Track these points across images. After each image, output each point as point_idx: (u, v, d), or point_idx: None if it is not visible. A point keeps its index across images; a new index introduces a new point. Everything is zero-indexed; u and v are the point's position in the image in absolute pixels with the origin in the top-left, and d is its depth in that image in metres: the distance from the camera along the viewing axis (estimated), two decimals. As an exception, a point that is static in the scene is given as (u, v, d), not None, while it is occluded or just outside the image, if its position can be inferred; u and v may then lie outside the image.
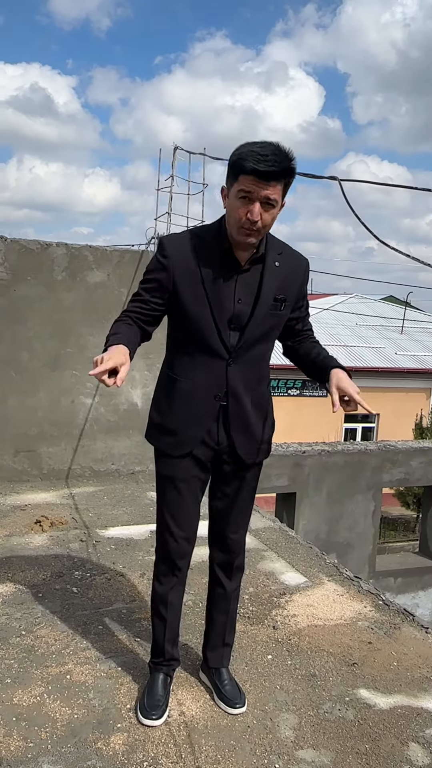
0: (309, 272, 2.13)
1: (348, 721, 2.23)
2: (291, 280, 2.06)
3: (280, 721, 2.20)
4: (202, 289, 1.95)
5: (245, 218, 1.83)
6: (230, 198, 1.87)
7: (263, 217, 1.83)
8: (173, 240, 2.02)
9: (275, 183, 1.80)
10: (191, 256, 1.96)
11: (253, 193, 1.80)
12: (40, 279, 4.70)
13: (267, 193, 1.80)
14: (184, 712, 2.22)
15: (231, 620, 2.34)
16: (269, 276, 1.99)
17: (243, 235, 1.87)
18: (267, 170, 1.76)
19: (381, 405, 19.83)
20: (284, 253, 2.05)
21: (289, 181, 1.85)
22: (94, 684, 2.35)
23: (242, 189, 1.81)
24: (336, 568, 3.55)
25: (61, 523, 3.94)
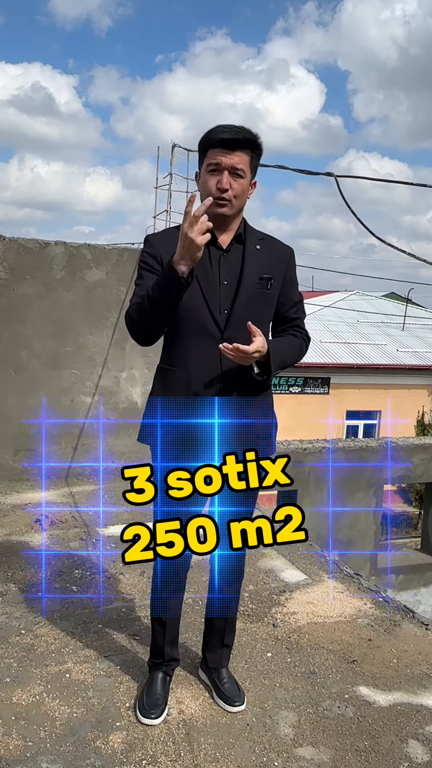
0: (294, 260, 2.17)
1: (347, 719, 2.23)
2: (275, 262, 2.10)
3: (280, 719, 2.20)
4: None
5: (215, 188, 1.94)
6: (202, 175, 2.00)
7: (233, 186, 1.95)
8: (156, 234, 2.16)
9: (240, 152, 1.94)
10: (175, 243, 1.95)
11: (221, 164, 1.93)
12: (39, 278, 4.70)
13: (234, 162, 1.93)
14: (184, 711, 2.21)
15: (230, 623, 2.33)
16: (251, 256, 2.05)
17: (216, 206, 1.95)
18: (231, 137, 1.92)
19: (383, 402, 19.81)
20: (266, 240, 2.13)
21: (254, 155, 1.98)
22: (94, 683, 2.35)
23: (211, 162, 1.95)
24: (336, 565, 3.54)
25: (61, 522, 3.94)
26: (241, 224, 2.09)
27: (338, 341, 20.49)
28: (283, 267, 2.12)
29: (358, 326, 22.34)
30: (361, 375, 19.68)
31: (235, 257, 2.06)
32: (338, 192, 6.03)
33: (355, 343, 20.79)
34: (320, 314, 21.91)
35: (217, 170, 1.95)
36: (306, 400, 18.99)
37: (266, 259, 2.08)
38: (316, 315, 21.59)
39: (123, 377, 5.05)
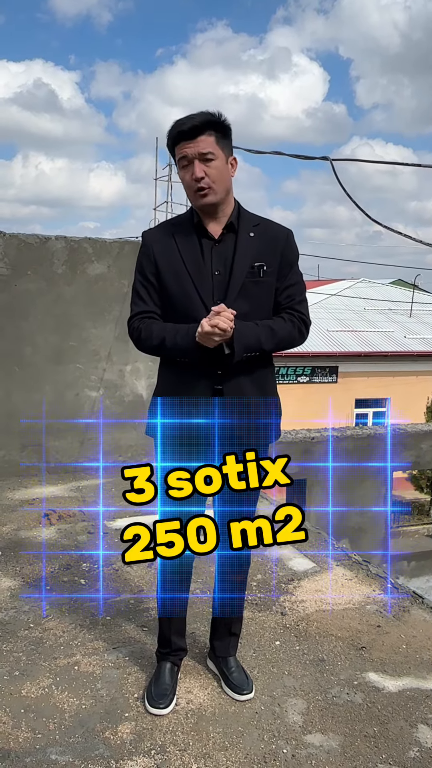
0: (293, 242, 2.11)
1: (356, 705, 2.22)
2: (270, 248, 2.05)
3: (288, 707, 2.20)
4: (182, 265, 2.00)
5: (192, 180, 1.94)
6: (179, 172, 2.01)
7: (207, 173, 1.93)
8: (150, 231, 2.14)
9: (203, 137, 1.92)
10: (168, 238, 2.04)
11: (188, 155, 1.93)
12: (40, 273, 4.70)
13: (199, 149, 1.91)
14: (192, 700, 2.21)
15: (237, 609, 2.32)
16: (243, 245, 2.02)
17: (198, 197, 1.96)
18: (189, 126, 1.91)
19: (391, 389, 19.73)
20: (261, 225, 2.09)
21: (219, 134, 1.95)
22: (102, 674, 2.35)
23: (180, 156, 1.95)
24: (345, 552, 3.53)
25: (68, 516, 3.94)
26: (234, 210, 2.06)
27: (345, 329, 20.41)
28: (278, 251, 2.06)
29: (365, 314, 22.24)
30: (369, 363, 19.61)
31: (227, 247, 2.03)
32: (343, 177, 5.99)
33: (363, 331, 20.70)
34: (327, 303, 21.83)
35: (188, 163, 1.94)
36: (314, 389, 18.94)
37: (260, 245, 2.04)
38: (323, 304, 21.51)
39: (128, 370, 5.05)
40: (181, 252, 2.02)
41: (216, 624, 2.33)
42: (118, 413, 5.00)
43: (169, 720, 2.11)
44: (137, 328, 2.05)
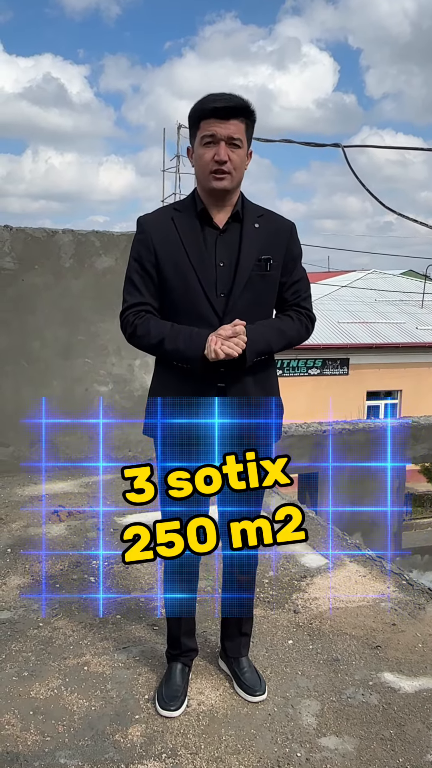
0: (296, 236, 2.04)
1: (372, 706, 2.17)
2: (275, 241, 1.98)
3: (302, 708, 2.15)
4: (184, 255, 1.90)
5: (213, 160, 1.85)
6: (196, 149, 1.90)
7: (231, 158, 1.85)
8: (148, 216, 2.02)
9: (235, 121, 1.84)
10: (169, 225, 1.94)
11: (217, 134, 1.84)
12: (48, 267, 4.65)
13: (230, 132, 1.84)
14: (204, 702, 2.17)
15: (247, 609, 2.27)
16: (249, 236, 1.94)
17: (214, 180, 1.87)
18: (225, 106, 1.82)
19: (403, 381, 19.60)
20: (265, 216, 2.01)
21: (249, 122, 1.89)
22: (112, 675, 2.31)
23: (205, 134, 1.85)
24: (358, 548, 3.47)
25: (78, 513, 3.91)
26: (239, 200, 1.98)
27: (356, 321, 20.27)
28: (283, 245, 2.00)
29: (376, 305, 22.08)
30: (381, 354, 19.47)
31: (233, 237, 1.95)
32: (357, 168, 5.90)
33: (374, 323, 20.55)
34: (337, 294, 21.68)
35: (213, 142, 1.85)
36: (325, 381, 18.85)
37: (266, 237, 1.97)
38: (333, 295, 21.37)
39: (137, 365, 5.00)
40: (183, 241, 1.92)
41: (226, 624, 2.29)
42: (127, 408, 4.95)
43: (181, 722, 2.07)
44: (132, 323, 1.95)
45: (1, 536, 3.56)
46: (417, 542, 7.89)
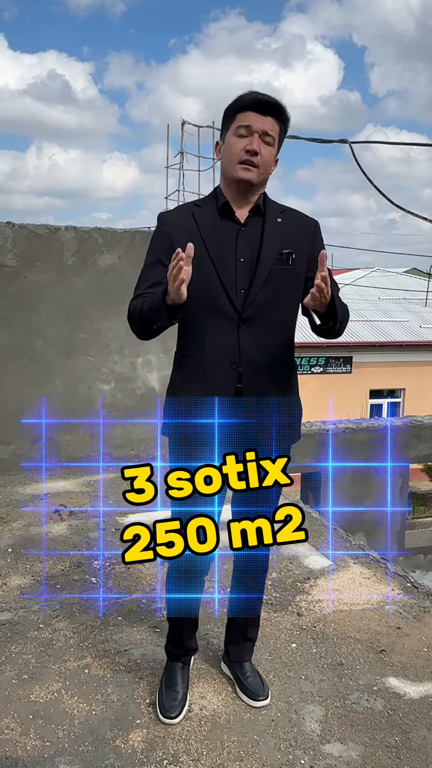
0: (320, 234, 1.99)
1: (377, 712, 2.13)
2: (298, 236, 1.93)
3: (306, 714, 2.12)
4: (203, 249, 1.83)
5: (244, 151, 1.82)
6: (228, 139, 1.87)
7: (262, 152, 1.82)
8: (169, 212, 2.03)
9: (272, 119, 1.83)
10: (189, 219, 1.91)
11: (252, 126, 1.81)
12: (50, 264, 4.62)
13: (266, 126, 1.82)
14: (206, 706, 2.14)
15: (253, 617, 2.24)
16: (271, 231, 1.90)
17: (242, 170, 1.83)
18: (266, 100, 1.82)
19: (406, 379, 19.53)
20: (287, 212, 1.97)
21: (283, 128, 1.87)
22: (113, 678, 2.28)
23: (241, 124, 1.82)
24: (362, 549, 3.44)
25: (80, 512, 3.88)
26: (261, 196, 1.94)
27: (360, 319, 20.19)
28: (307, 241, 1.95)
29: (380, 303, 21.99)
30: (384, 353, 19.40)
31: (254, 231, 1.90)
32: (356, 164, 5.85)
33: (377, 321, 20.48)
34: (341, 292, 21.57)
35: (247, 134, 1.82)
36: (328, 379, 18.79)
37: (288, 232, 1.92)
38: (337, 293, 21.27)
39: (139, 363, 4.97)
40: (203, 236, 1.87)
41: (231, 627, 2.25)
42: (130, 406, 4.92)
43: (182, 727, 2.03)
44: (129, 309, 1.92)
45: (2, 536, 3.53)
46: (420, 542, 7.84)
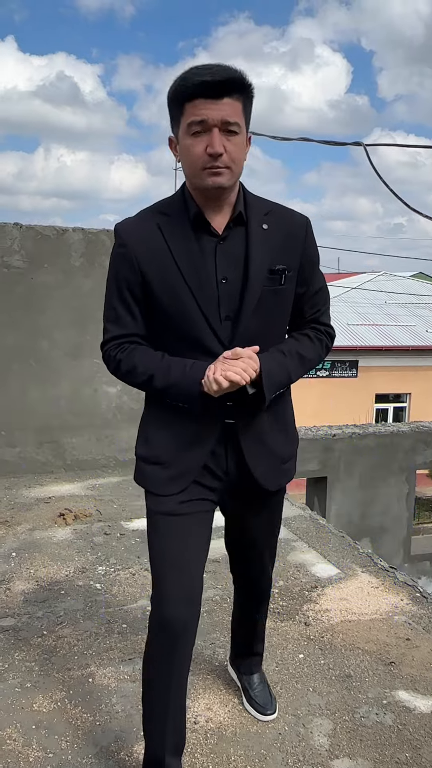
0: (312, 233, 1.67)
1: (386, 727, 2.09)
2: (288, 244, 1.60)
3: (314, 728, 2.07)
4: (176, 271, 1.52)
5: (205, 154, 1.45)
6: (181, 140, 1.50)
7: (228, 148, 1.46)
8: (128, 224, 1.60)
9: (230, 99, 1.44)
10: (155, 235, 1.55)
11: (207, 120, 1.43)
12: (58, 266, 4.59)
13: (224, 114, 1.43)
14: (212, 718, 2.10)
15: (259, 635, 2.14)
16: (257, 242, 1.56)
17: (209, 176, 1.47)
18: (215, 80, 1.41)
19: (412, 384, 19.47)
20: (273, 213, 1.61)
21: (247, 100, 1.49)
22: (117, 688, 2.24)
23: (192, 120, 1.44)
24: (370, 558, 3.39)
25: (85, 516, 3.84)
26: (240, 195, 1.58)
27: (366, 323, 20.15)
28: (298, 248, 1.62)
29: (386, 307, 21.94)
30: (390, 357, 19.35)
31: (236, 245, 1.56)
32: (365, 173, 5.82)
33: (383, 325, 20.42)
34: (347, 296, 21.55)
35: (203, 129, 1.44)
36: (334, 383, 18.73)
37: (277, 241, 1.58)
38: (343, 297, 21.24)
39: (146, 366, 4.93)
40: (175, 255, 1.53)
41: (236, 642, 2.19)
42: (135, 410, 4.88)
43: (188, 740, 1.98)
44: (114, 358, 1.60)
45: (6, 539, 3.50)
46: (426, 548, 7.77)
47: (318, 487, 6.93)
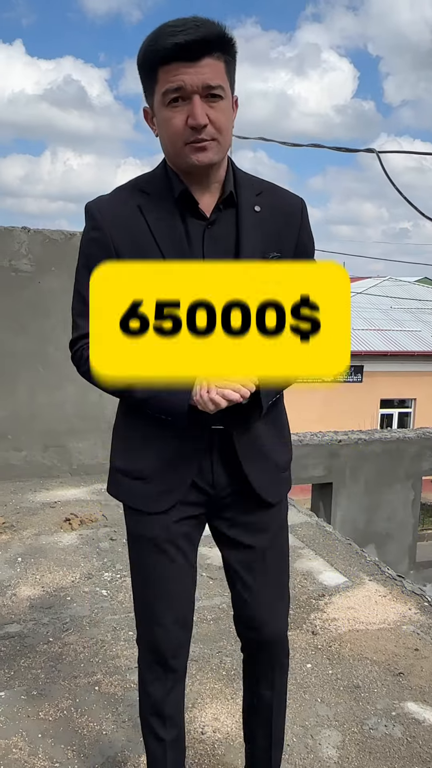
0: (307, 217, 1.48)
1: (396, 739, 2.07)
2: (283, 228, 1.42)
3: (322, 739, 2.05)
4: (160, 258, 1.32)
5: (186, 126, 1.25)
6: (157, 113, 1.30)
7: (212, 117, 1.25)
8: (103, 203, 1.38)
9: (210, 60, 1.23)
10: (135, 216, 1.34)
11: (186, 86, 1.23)
12: (65, 270, 4.58)
13: (204, 77, 1.22)
14: (219, 728, 2.08)
15: (277, 740, 1.68)
16: (249, 225, 1.37)
17: (192, 152, 1.27)
18: (191, 39, 1.20)
19: (418, 390, 19.41)
20: (266, 193, 1.43)
21: (230, 59, 1.28)
22: (124, 696, 2.23)
23: (168, 87, 1.24)
24: (377, 566, 3.37)
25: (91, 521, 3.83)
26: (229, 173, 1.38)
27: (371, 328, 20.10)
28: (293, 234, 1.43)
29: (392, 312, 21.90)
30: (396, 362, 19.29)
31: (226, 229, 1.37)
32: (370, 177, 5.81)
33: (389, 330, 20.38)
34: (352, 301, 21.49)
35: (181, 97, 1.24)
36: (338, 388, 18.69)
37: (271, 226, 1.40)
38: (348, 302, 21.19)
39: (152, 370, 4.92)
40: (158, 240, 1.32)
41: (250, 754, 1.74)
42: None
43: (195, 751, 1.97)
44: (86, 359, 1.35)
45: (12, 544, 3.49)
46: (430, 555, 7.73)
47: (323, 493, 6.91)
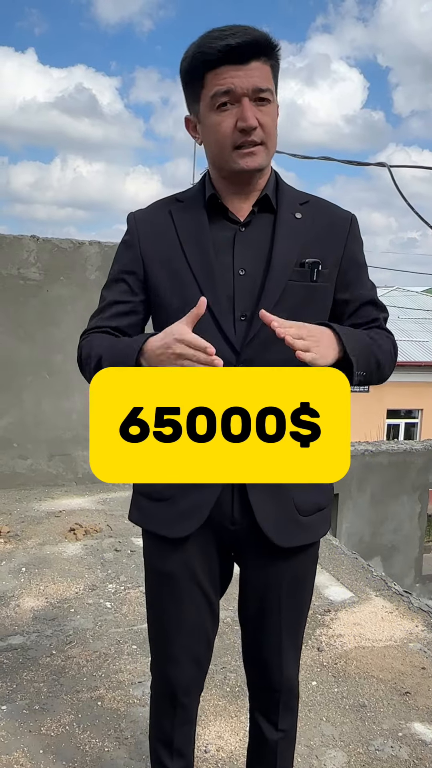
0: (358, 232, 1.40)
1: (402, 761, 2.03)
2: (326, 237, 1.35)
3: (327, 760, 2.02)
4: (184, 262, 1.30)
5: (235, 130, 1.23)
6: (204, 118, 1.28)
7: (262, 121, 1.24)
8: (141, 211, 1.42)
9: (258, 63, 1.22)
10: (165, 220, 1.35)
11: (236, 88, 1.21)
12: (73, 279, 4.59)
13: (253, 80, 1.22)
14: (223, 747, 2.05)
15: None
16: (286, 230, 1.32)
17: (241, 157, 1.25)
18: (242, 42, 1.19)
19: (424, 400, 19.33)
20: (312, 203, 1.38)
21: (276, 64, 1.27)
22: (126, 712, 2.20)
23: (218, 90, 1.22)
24: (384, 581, 3.33)
25: (95, 531, 3.81)
26: (271, 178, 1.35)
27: (378, 338, 20.05)
28: (338, 243, 1.36)
29: (399, 323, 21.83)
30: (402, 373, 19.22)
31: (260, 233, 1.32)
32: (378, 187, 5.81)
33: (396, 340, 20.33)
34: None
35: (231, 101, 1.23)
36: (345, 398, 18.60)
37: (312, 233, 1.33)
38: (356, 312, 21.18)
39: (159, 380, 4.91)
40: (183, 242, 1.31)
41: None
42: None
43: (198, 770, 1.95)
44: (80, 347, 1.39)
45: (16, 554, 3.47)
46: (437, 568, 7.67)
47: (329, 505, 6.87)
